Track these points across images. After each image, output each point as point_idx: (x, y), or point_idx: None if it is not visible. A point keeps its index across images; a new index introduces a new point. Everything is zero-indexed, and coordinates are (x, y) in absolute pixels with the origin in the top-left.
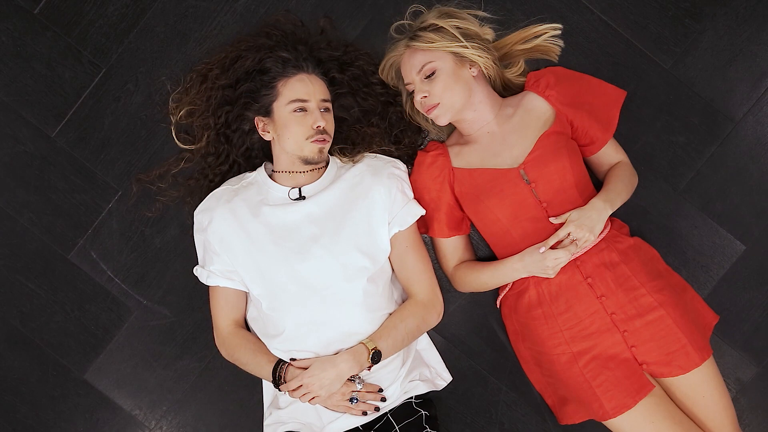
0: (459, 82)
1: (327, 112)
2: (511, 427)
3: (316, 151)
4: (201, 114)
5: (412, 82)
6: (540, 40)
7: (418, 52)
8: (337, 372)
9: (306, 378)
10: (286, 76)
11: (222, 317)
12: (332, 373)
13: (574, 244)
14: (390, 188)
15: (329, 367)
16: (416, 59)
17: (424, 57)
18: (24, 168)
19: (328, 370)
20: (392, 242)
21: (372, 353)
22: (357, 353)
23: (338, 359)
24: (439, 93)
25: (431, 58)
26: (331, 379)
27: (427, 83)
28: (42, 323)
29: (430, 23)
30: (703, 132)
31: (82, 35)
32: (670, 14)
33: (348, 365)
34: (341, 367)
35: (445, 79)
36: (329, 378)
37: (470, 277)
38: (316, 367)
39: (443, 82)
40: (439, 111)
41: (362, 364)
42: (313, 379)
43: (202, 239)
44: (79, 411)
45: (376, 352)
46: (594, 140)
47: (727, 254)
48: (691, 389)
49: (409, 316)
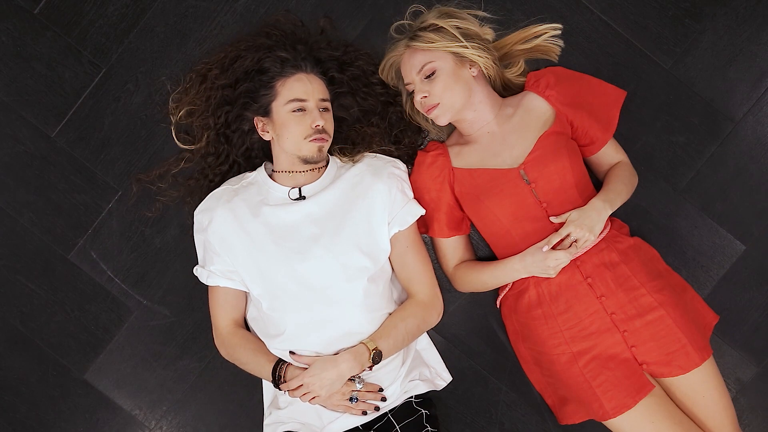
0: (459, 82)
1: (326, 111)
2: (511, 427)
3: (315, 150)
4: (201, 114)
5: (412, 82)
6: (540, 40)
7: (418, 52)
8: (338, 372)
9: (307, 378)
10: (284, 75)
11: (222, 317)
12: (333, 372)
13: (574, 245)
14: (390, 188)
15: (330, 367)
16: (416, 59)
17: (424, 57)
18: (24, 168)
19: (329, 369)
20: (392, 242)
21: (373, 353)
22: (358, 353)
23: (339, 359)
24: (439, 93)
25: (431, 58)
26: (332, 379)
27: (427, 83)
28: (42, 323)
29: (430, 23)
30: (703, 132)
31: (82, 35)
32: (670, 14)
33: (349, 365)
34: (342, 367)
35: (445, 79)
36: (330, 378)
37: (470, 277)
38: (317, 366)
39: (443, 82)
40: (439, 111)
41: (363, 364)
42: (314, 378)
43: (202, 239)
44: (79, 411)
45: (377, 352)
46: (594, 140)
47: (727, 254)
48: (691, 389)
49: (409, 316)
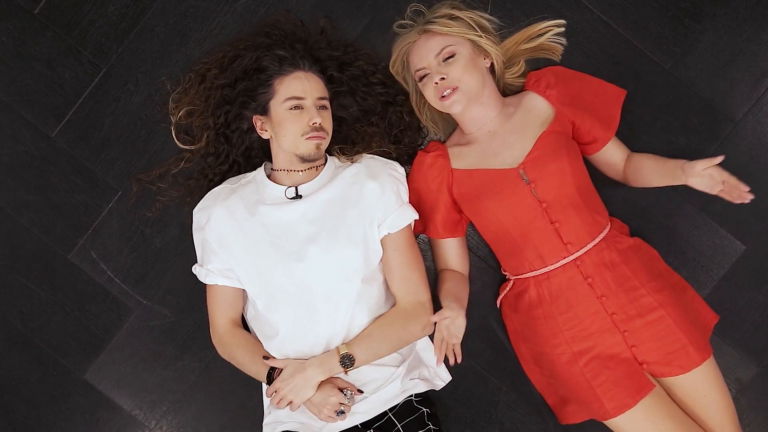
0: (476, 68)
1: (324, 109)
2: (511, 427)
3: (313, 148)
4: (200, 114)
5: (427, 66)
6: (544, 38)
7: (435, 36)
8: (304, 376)
9: (278, 383)
10: (282, 74)
11: (219, 316)
12: (300, 378)
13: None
14: (384, 189)
15: (297, 372)
16: (434, 42)
17: (443, 40)
18: (24, 168)
19: (296, 375)
20: (382, 244)
21: (342, 357)
22: (325, 358)
23: (306, 364)
24: (458, 76)
25: (450, 42)
26: (300, 384)
27: (445, 66)
28: (42, 323)
29: (444, 12)
30: (703, 132)
31: (82, 35)
32: (670, 14)
33: (314, 370)
34: (308, 371)
35: (464, 62)
36: (297, 383)
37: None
38: (286, 371)
39: (463, 65)
40: (456, 96)
41: (332, 368)
42: (284, 383)
43: (201, 237)
44: (79, 411)
45: (346, 355)
46: (596, 138)
47: (727, 254)
48: (692, 389)
49: (388, 323)
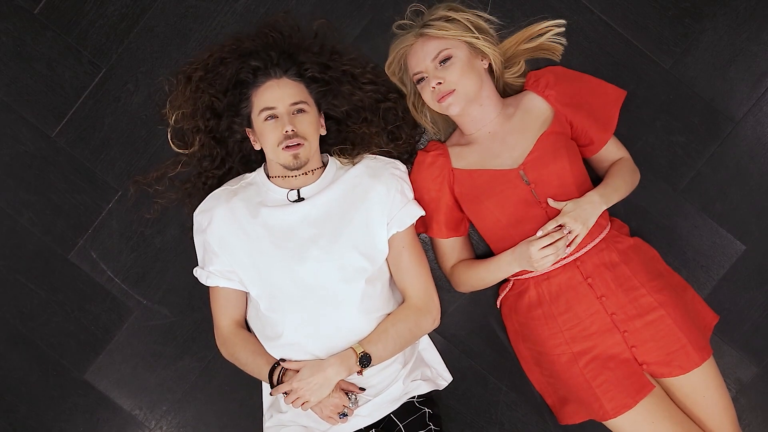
0: (473, 70)
1: (301, 113)
2: (511, 427)
3: (290, 159)
4: (189, 117)
5: (424, 70)
6: (544, 38)
7: (432, 40)
8: (325, 376)
9: (295, 383)
10: (256, 85)
11: (223, 317)
12: (320, 377)
13: (565, 239)
14: (389, 189)
15: (317, 372)
16: (430, 46)
17: (440, 44)
18: (24, 168)
19: (316, 374)
20: (389, 243)
21: (360, 356)
22: (344, 357)
23: (325, 363)
24: (455, 79)
25: (447, 46)
26: (320, 383)
27: (441, 69)
28: (42, 323)
29: (441, 15)
30: (703, 132)
31: (82, 35)
32: (670, 14)
33: (335, 369)
34: (329, 371)
35: (461, 65)
36: (317, 383)
37: (467, 275)
38: (305, 371)
39: (460, 69)
40: (453, 98)
41: (350, 368)
42: (301, 383)
43: (202, 240)
44: (79, 411)
45: (364, 355)
46: (594, 140)
47: (727, 254)
48: (692, 389)
49: (401, 320)
